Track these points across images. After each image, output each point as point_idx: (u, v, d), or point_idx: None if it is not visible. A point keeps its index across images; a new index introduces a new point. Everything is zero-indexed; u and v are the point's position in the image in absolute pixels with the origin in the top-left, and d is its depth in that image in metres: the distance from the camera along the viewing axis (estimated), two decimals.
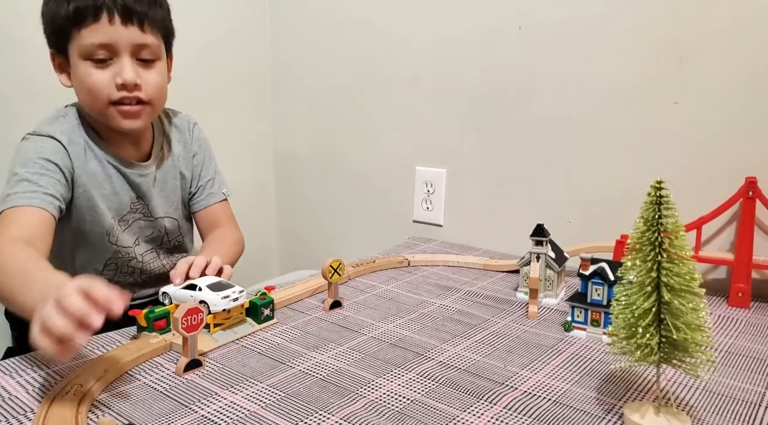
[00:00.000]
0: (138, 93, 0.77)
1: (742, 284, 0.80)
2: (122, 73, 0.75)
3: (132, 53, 0.76)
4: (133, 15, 0.75)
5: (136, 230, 0.88)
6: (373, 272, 0.97)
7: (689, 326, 0.48)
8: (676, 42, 0.89)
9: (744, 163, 0.85)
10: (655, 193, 0.49)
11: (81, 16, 0.73)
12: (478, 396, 0.57)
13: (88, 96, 0.77)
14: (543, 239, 0.82)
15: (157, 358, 0.63)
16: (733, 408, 0.55)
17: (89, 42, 0.74)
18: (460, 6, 1.11)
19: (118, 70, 0.75)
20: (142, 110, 0.79)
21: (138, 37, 0.76)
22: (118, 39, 0.74)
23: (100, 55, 0.75)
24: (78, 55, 0.75)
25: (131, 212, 0.87)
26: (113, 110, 0.77)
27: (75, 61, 0.76)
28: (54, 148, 0.77)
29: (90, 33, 0.73)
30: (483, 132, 1.12)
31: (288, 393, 0.56)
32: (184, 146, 0.93)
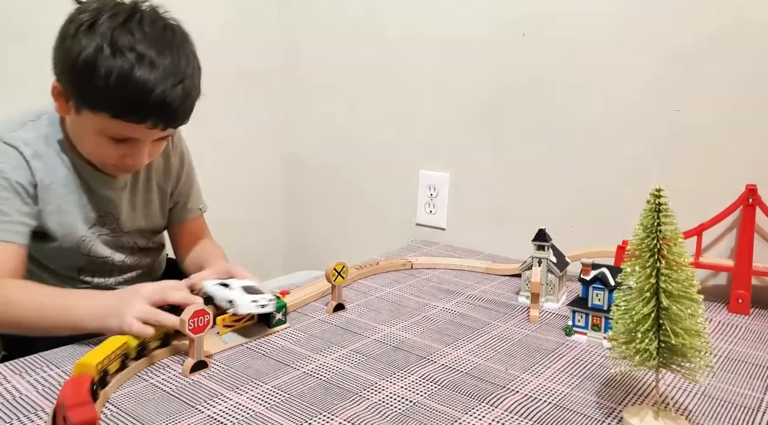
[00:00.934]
0: (139, 167, 0.78)
1: (742, 290, 0.81)
2: (135, 161, 0.74)
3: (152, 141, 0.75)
4: (174, 121, 0.72)
5: (108, 242, 0.84)
6: (375, 275, 0.98)
7: (687, 331, 0.49)
8: (677, 50, 0.90)
9: (745, 170, 0.86)
10: (654, 200, 0.50)
11: (124, 115, 0.68)
12: (479, 399, 0.57)
13: (92, 154, 0.75)
14: (545, 244, 0.83)
15: (164, 360, 0.64)
16: (732, 413, 0.55)
17: (118, 132, 0.70)
18: (466, 11, 1.12)
19: (131, 153, 0.73)
20: (134, 169, 0.79)
21: (164, 133, 0.74)
22: (148, 136, 0.73)
23: (121, 137, 0.72)
24: (96, 129, 0.71)
25: (99, 226, 0.82)
26: (112, 167, 0.77)
27: (88, 125, 0.71)
28: (16, 163, 0.73)
29: (123, 127, 0.70)
30: (486, 137, 1.13)
31: (292, 395, 0.57)
32: (165, 159, 0.88)
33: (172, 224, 0.93)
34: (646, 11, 0.92)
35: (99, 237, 0.82)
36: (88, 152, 0.76)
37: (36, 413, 0.53)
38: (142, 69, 0.66)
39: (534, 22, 1.04)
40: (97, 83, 0.66)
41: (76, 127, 0.75)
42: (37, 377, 0.59)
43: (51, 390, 0.57)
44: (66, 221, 0.78)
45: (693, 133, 0.91)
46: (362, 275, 0.96)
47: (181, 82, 0.69)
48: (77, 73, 0.68)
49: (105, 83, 0.66)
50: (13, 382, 0.58)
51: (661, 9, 0.91)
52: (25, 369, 0.61)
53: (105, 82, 0.66)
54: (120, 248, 0.86)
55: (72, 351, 0.65)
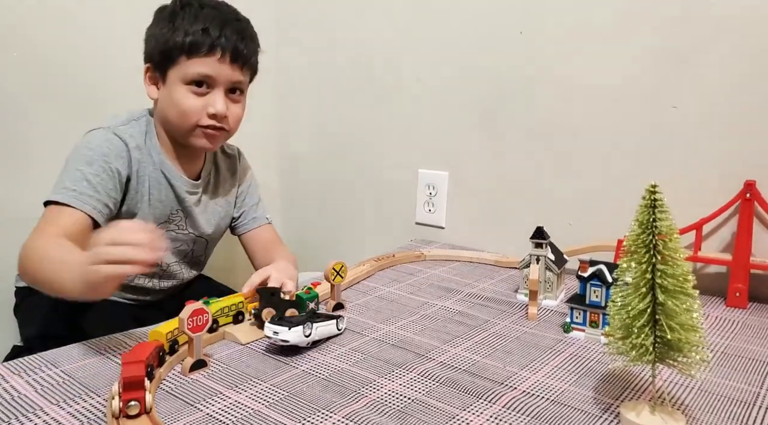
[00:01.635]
0: (222, 124, 0.85)
1: (740, 284, 0.81)
2: (215, 105, 0.83)
3: (226, 88, 0.84)
4: (239, 57, 0.83)
5: (168, 240, 0.91)
6: (374, 274, 0.98)
7: (683, 326, 0.49)
8: (675, 47, 0.90)
9: (743, 166, 0.86)
10: (649, 196, 0.51)
11: (196, 48, 0.80)
12: (477, 396, 0.58)
13: (179, 115, 0.83)
14: (543, 242, 0.83)
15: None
16: (728, 407, 0.55)
17: (195, 71, 0.81)
18: (463, 11, 1.12)
19: (211, 101, 0.83)
20: (221, 136, 0.87)
21: (236, 76, 0.84)
22: (220, 74, 0.82)
23: (200, 84, 0.82)
24: (179, 78, 0.82)
25: (168, 223, 0.91)
26: (199, 131, 0.84)
27: (173, 82, 0.82)
28: (119, 150, 0.82)
29: (198, 64, 0.81)
30: (485, 135, 1.14)
31: (291, 393, 0.58)
32: (232, 174, 1.00)
33: (243, 234, 1.02)
34: (644, 9, 0.92)
35: (167, 231, 0.90)
36: (176, 118, 0.83)
37: (35, 412, 0.53)
38: (207, 9, 0.83)
39: (532, 21, 1.04)
40: (173, 34, 0.80)
41: (164, 100, 0.84)
42: (36, 377, 0.60)
43: (49, 391, 0.57)
44: (143, 211, 0.86)
45: (691, 129, 0.91)
46: (380, 267, 1.01)
47: (237, 21, 0.85)
48: (158, 38, 0.82)
49: (179, 27, 0.80)
50: (12, 382, 0.59)
51: (659, 6, 0.91)
52: (24, 369, 0.61)
53: (179, 26, 0.80)
54: (176, 249, 0.94)
55: (70, 352, 0.66)
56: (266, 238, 1.02)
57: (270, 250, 0.98)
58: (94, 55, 1.11)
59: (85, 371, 0.61)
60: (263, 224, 1.02)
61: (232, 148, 1.02)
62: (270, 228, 1.03)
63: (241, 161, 1.03)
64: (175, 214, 0.91)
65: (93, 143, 0.81)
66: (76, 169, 0.79)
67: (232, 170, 1.01)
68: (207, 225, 0.96)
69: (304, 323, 0.66)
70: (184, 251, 0.96)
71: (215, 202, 0.97)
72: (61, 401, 0.55)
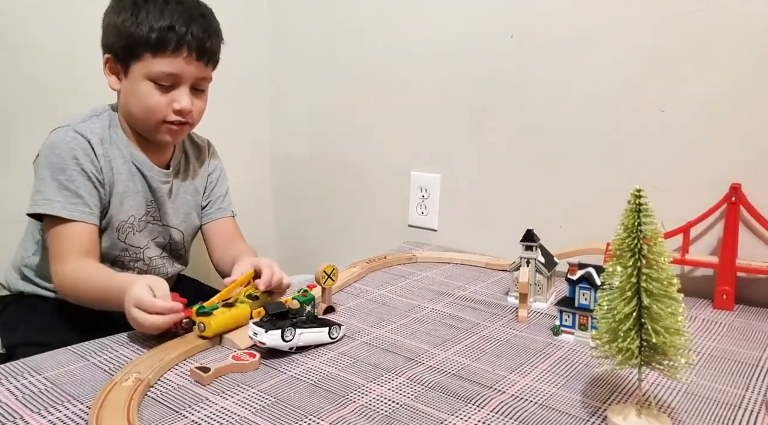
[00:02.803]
0: (187, 119, 0.85)
1: (726, 286, 0.82)
2: (181, 101, 0.83)
3: (191, 84, 0.84)
4: (204, 54, 0.84)
5: (147, 233, 0.92)
6: (366, 277, 0.98)
7: (668, 330, 0.49)
8: (662, 52, 0.91)
9: (729, 169, 0.86)
10: (634, 200, 0.51)
11: (162, 46, 0.80)
12: (466, 400, 0.58)
13: (144, 112, 0.84)
14: (533, 244, 0.83)
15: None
16: (713, 410, 0.56)
17: (160, 70, 0.81)
18: (455, 15, 1.13)
19: (176, 97, 0.83)
20: (184, 130, 0.88)
21: (201, 72, 0.85)
22: (185, 72, 0.82)
23: (165, 81, 0.82)
24: (143, 74, 0.81)
25: (146, 215, 0.91)
26: (164, 127, 0.85)
27: (137, 77, 0.82)
28: (84, 149, 0.82)
29: (164, 63, 0.81)
30: (476, 138, 1.14)
31: (278, 398, 0.57)
32: (201, 165, 1.00)
33: (206, 223, 1.00)
34: (632, 13, 0.93)
35: (140, 225, 0.91)
36: (140, 113, 0.84)
37: (14, 421, 0.53)
38: (172, 3, 0.81)
39: (522, 25, 1.05)
40: (137, 27, 0.80)
41: (127, 94, 0.84)
42: (18, 384, 0.59)
43: (31, 398, 0.56)
44: (118, 204, 0.87)
45: (679, 132, 0.91)
46: (372, 269, 1.00)
47: (202, 16, 0.84)
48: (120, 29, 0.81)
49: (143, 21, 0.79)
50: None
51: (647, 11, 0.91)
52: (6, 376, 0.61)
53: (143, 21, 0.80)
54: (155, 241, 0.94)
55: (54, 358, 0.65)
56: (228, 230, 1.00)
57: (230, 243, 0.97)
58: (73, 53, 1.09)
59: (69, 377, 0.61)
60: (227, 216, 1.01)
61: (202, 139, 1.02)
62: (233, 221, 1.03)
63: (210, 153, 1.02)
64: (150, 205, 0.91)
65: (58, 147, 0.81)
66: (53, 179, 0.80)
67: (201, 160, 1.00)
68: (180, 215, 0.96)
69: (286, 327, 0.66)
70: (162, 244, 0.95)
71: (185, 191, 0.96)
72: (43, 409, 0.55)
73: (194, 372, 0.61)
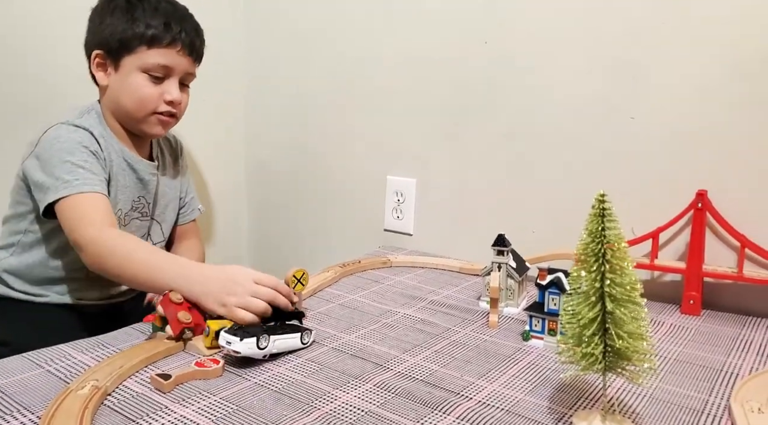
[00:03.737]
0: (176, 110, 0.91)
1: (693, 292, 0.83)
2: (172, 93, 0.89)
3: (180, 78, 0.90)
4: (194, 51, 0.91)
5: (139, 225, 0.96)
6: (338, 282, 0.97)
7: (631, 334, 0.49)
8: (631, 60, 0.92)
9: (697, 175, 0.88)
10: (598, 205, 0.51)
11: (158, 39, 0.86)
12: (432, 407, 0.57)
13: (136, 102, 0.88)
14: (504, 249, 0.83)
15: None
16: (677, 415, 0.56)
17: (155, 61, 0.87)
18: (430, 21, 1.13)
19: (167, 89, 0.89)
20: (172, 122, 0.93)
21: (189, 67, 0.92)
22: (177, 65, 0.89)
23: (158, 73, 0.88)
24: (137, 66, 0.86)
25: (132, 210, 0.94)
26: (154, 118, 0.90)
27: (129, 69, 0.87)
28: (90, 139, 0.86)
29: (158, 54, 0.87)
30: (451, 143, 1.14)
31: (240, 406, 0.56)
32: (174, 160, 1.04)
33: (182, 224, 1.07)
34: (602, 23, 0.94)
35: (132, 219, 0.95)
36: (132, 104, 0.88)
37: None
38: (164, 3, 0.89)
39: (496, 31, 1.05)
40: (133, 23, 0.85)
41: (117, 87, 0.88)
42: None
43: None
44: (117, 196, 0.90)
45: (649, 139, 0.92)
46: (346, 274, 1.00)
47: (191, 17, 0.92)
48: (116, 26, 0.86)
49: (140, 18, 0.85)
50: None
51: (617, 21, 0.93)
52: None
53: (140, 17, 0.85)
54: (144, 236, 0.97)
55: (6, 365, 0.63)
56: (191, 229, 1.09)
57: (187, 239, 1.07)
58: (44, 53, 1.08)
59: (21, 386, 0.58)
60: (195, 218, 1.10)
61: (170, 135, 1.06)
62: (195, 222, 1.11)
63: (181, 151, 1.07)
64: (137, 201, 0.95)
65: (62, 137, 0.83)
66: (63, 162, 0.81)
67: (174, 156, 1.05)
68: (163, 207, 1.00)
69: (261, 335, 0.65)
70: (143, 238, 0.98)
71: (166, 184, 1.00)
72: None
73: (154, 379, 0.59)
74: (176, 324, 0.67)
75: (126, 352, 0.65)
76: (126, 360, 0.63)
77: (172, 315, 0.67)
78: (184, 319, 0.68)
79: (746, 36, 0.83)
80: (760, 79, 0.83)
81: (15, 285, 0.90)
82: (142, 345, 0.67)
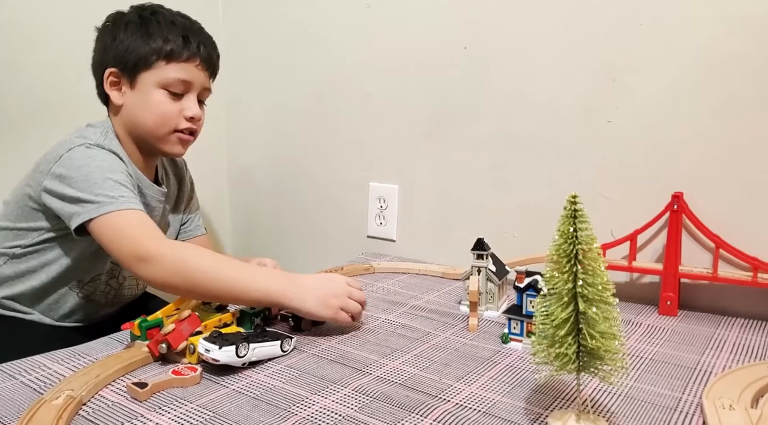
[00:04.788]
0: (196, 126, 0.89)
1: (670, 293, 0.84)
2: (192, 108, 0.87)
3: (198, 94, 0.89)
4: (211, 66, 0.90)
5: None
6: None
7: (603, 334, 0.50)
8: (608, 65, 0.94)
9: (673, 178, 0.89)
10: (570, 207, 0.51)
11: (177, 53, 0.85)
12: (410, 410, 0.57)
13: (155, 120, 0.85)
14: (483, 253, 0.84)
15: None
16: (651, 413, 0.57)
17: (174, 76, 0.85)
18: (411, 27, 1.14)
19: (187, 105, 0.87)
20: (191, 141, 0.91)
21: (206, 83, 0.90)
22: (196, 80, 0.87)
23: (177, 88, 0.86)
24: (155, 82, 0.84)
25: None
26: (174, 137, 0.87)
27: (147, 86, 0.84)
28: (120, 162, 0.83)
29: (177, 69, 0.85)
30: (433, 149, 1.15)
31: (217, 413, 0.56)
32: (179, 181, 1.03)
33: (183, 239, 1.03)
34: (579, 27, 0.96)
35: None
36: (152, 122, 0.85)
37: None
38: (179, 18, 0.88)
39: (475, 37, 1.06)
40: (149, 38, 0.83)
41: (135, 105, 0.85)
42: None
43: None
44: None
45: (625, 142, 0.94)
46: None
47: (206, 32, 0.90)
48: (131, 43, 0.84)
49: (155, 33, 0.84)
50: None
51: (594, 25, 0.94)
52: None
53: (155, 32, 0.84)
54: None
55: None
56: (206, 246, 1.03)
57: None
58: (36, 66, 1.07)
59: None
60: (204, 235, 1.07)
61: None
62: (208, 239, 1.08)
63: (187, 171, 1.06)
64: None
65: (98, 156, 0.80)
66: (105, 179, 0.77)
67: (179, 176, 1.03)
68: (170, 228, 0.99)
69: (240, 342, 0.64)
70: None
71: (170, 212, 0.99)
72: None
73: (130, 387, 0.59)
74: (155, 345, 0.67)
75: (102, 361, 0.64)
76: (102, 369, 0.62)
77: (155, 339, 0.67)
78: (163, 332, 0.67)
79: (720, 40, 0.85)
80: (733, 83, 0.84)
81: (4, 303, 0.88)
82: (119, 355, 0.66)
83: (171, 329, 0.66)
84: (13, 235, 0.86)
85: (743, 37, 0.83)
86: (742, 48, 0.83)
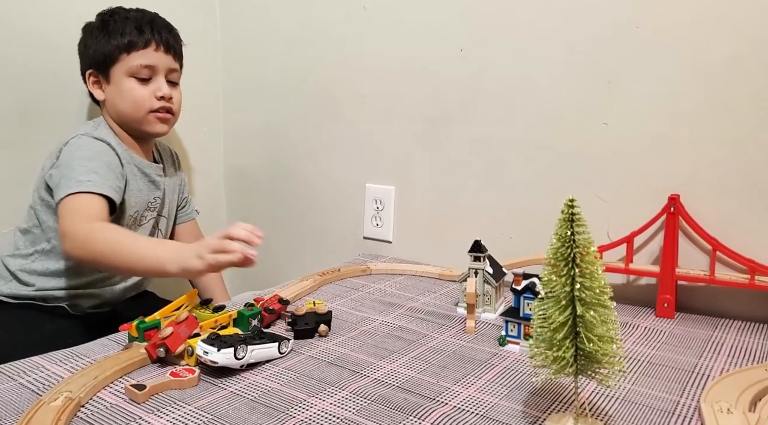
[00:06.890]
0: (170, 104, 0.98)
1: (667, 295, 0.84)
2: (161, 88, 0.96)
3: (165, 75, 0.97)
4: (170, 47, 0.98)
5: (153, 222, 1.03)
6: (318, 290, 0.97)
7: (601, 338, 0.50)
8: (604, 67, 0.94)
9: (670, 180, 0.90)
10: (567, 210, 0.52)
11: (133, 44, 0.94)
12: (408, 413, 0.57)
13: (131, 105, 0.95)
14: (480, 255, 0.84)
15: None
16: (648, 416, 0.57)
17: (137, 63, 0.94)
18: (407, 29, 1.14)
19: (156, 87, 0.96)
20: (171, 119, 1.00)
21: (171, 64, 0.99)
22: (158, 62, 0.96)
23: (144, 74, 0.95)
24: (124, 73, 0.94)
25: (148, 210, 1.01)
26: (151, 116, 0.96)
27: (119, 78, 0.95)
28: (108, 150, 0.92)
29: (138, 56, 0.95)
30: (429, 150, 1.15)
31: (215, 416, 0.56)
32: (172, 162, 1.12)
33: (179, 222, 1.14)
34: (576, 28, 0.96)
35: (146, 218, 1.01)
36: (129, 108, 0.95)
37: None
38: (133, 12, 0.98)
39: (471, 38, 1.07)
40: (110, 37, 0.94)
41: (113, 96, 0.96)
42: None
43: None
44: (131, 200, 0.96)
45: (622, 144, 0.94)
46: (325, 282, 1.00)
47: (158, 17, 1.00)
48: (98, 44, 0.95)
49: (114, 31, 0.94)
50: None
51: (589, 28, 0.95)
52: None
53: (114, 30, 0.94)
54: (154, 229, 1.04)
55: None
56: (196, 230, 1.17)
57: (193, 240, 1.11)
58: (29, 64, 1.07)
59: None
60: (195, 218, 1.18)
61: (164, 146, 1.13)
62: (196, 223, 1.19)
63: (178, 159, 1.15)
64: (153, 202, 1.01)
65: (85, 145, 0.90)
66: (81, 165, 0.87)
67: (170, 158, 1.12)
68: (169, 203, 1.07)
69: (238, 344, 0.64)
70: (153, 231, 1.05)
71: (169, 184, 1.07)
72: None
73: (129, 389, 0.59)
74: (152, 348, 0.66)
75: (101, 363, 0.64)
76: (101, 370, 0.62)
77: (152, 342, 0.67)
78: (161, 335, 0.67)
79: (715, 42, 0.85)
80: (728, 86, 0.85)
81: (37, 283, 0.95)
82: (117, 356, 0.66)
83: (169, 333, 0.66)
84: (42, 236, 0.96)
85: (738, 40, 0.83)
86: (737, 50, 0.84)
